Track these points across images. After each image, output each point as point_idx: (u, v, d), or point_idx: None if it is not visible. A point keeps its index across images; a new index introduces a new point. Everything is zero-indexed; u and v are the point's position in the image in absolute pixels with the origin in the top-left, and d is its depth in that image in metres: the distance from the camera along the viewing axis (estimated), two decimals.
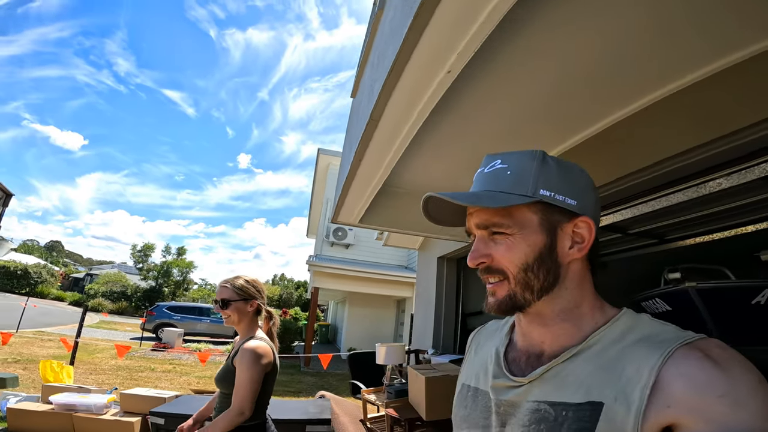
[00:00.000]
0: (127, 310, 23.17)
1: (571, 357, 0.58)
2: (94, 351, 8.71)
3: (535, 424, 0.56)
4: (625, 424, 0.50)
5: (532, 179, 0.58)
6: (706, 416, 0.47)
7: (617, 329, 0.58)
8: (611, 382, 0.53)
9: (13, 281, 23.66)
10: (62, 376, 4.46)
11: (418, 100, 1.38)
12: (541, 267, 0.58)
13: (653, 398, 0.50)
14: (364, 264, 10.48)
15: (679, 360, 0.51)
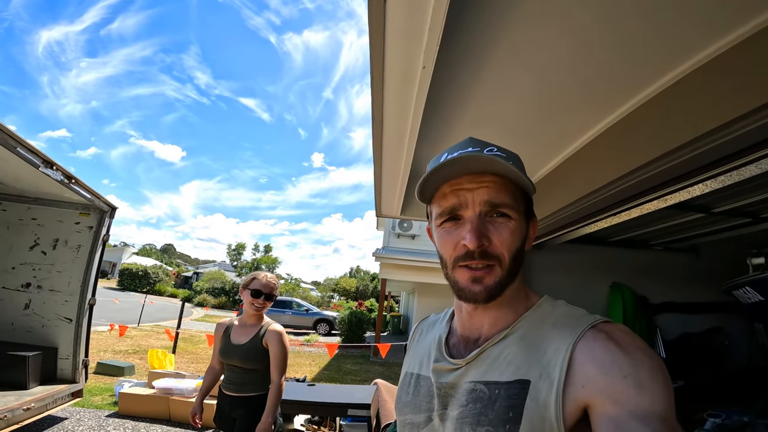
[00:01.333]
0: (226, 304, 26.01)
1: (502, 339, 0.61)
2: (197, 342, 9.92)
3: (472, 403, 0.58)
4: (548, 399, 0.53)
5: (523, 172, 0.61)
6: (613, 398, 0.50)
7: (539, 313, 0.62)
8: (536, 361, 0.56)
9: (135, 281, 27.92)
10: (165, 363, 5.16)
11: (408, 97, 1.32)
12: (520, 255, 0.61)
13: (569, 377, 0.53)
14: (429, 254, 10.42)
15: (588, 342, 0.54)
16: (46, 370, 3.67)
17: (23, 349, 3.56)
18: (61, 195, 3.89)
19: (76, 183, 3.53)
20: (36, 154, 2.94)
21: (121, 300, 18.16)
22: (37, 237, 4.12)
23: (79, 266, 4.05)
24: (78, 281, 4.02)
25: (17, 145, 2.73)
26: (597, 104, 1.52)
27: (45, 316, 3.95)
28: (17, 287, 4.01)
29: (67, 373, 3.81)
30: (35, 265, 4.07)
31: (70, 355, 3.84)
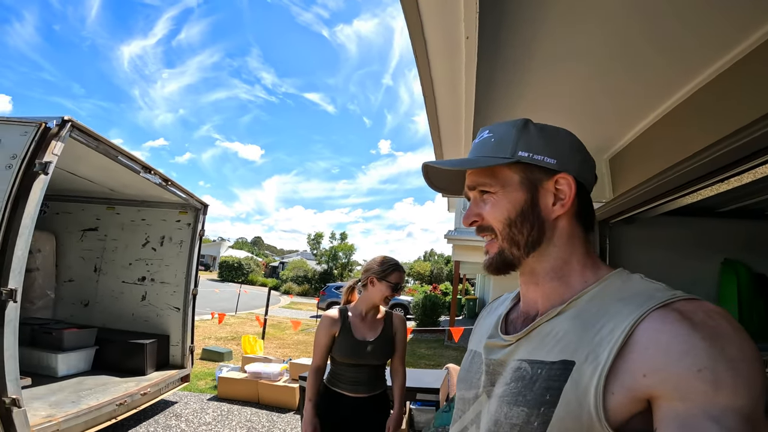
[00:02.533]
0: (308, 291, 27.77)
1: (556, 315, 0.57)
2: (284, 328, 10.72)
3: (514, 382, 0.56)
4: (589, 385, 0.48)
5: (512, 143, 0.61)
6: (682, 392, 0.43)
7: (604, 288, 0.57)
8: (587, 340, 0.51)
9: (231, 272, 31.00)
10: (256, 348, 5.65)
11: (457, 73, 1.22)
12: (524, 222, 0.60)
13: (621, 362, 0.47)
14: None
15: (654, 322, 0.47)
16: (161, 357, 4.17)
17: (141, 337, 4.09)
18: (162, 196, 4.38)
19: (172, 185, 3.95)
20: (135, 161, 3.33)
21: (221, 290, 20.28)
22: (147, 235, 4.70)
23: (182, 259, 4.56)
24: (182, 273, 4.53)
25: (118, 155, 3.12)
26: (689, 57, 1.30)
27: (158, 306, 4.52)
28: (134, 281, 4.64)
29: (177, 359, 4.32)
30: (147, 260, 4.67)
31: (179, 342, 4.35)
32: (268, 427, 3.88)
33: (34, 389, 3.05)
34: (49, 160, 2.42)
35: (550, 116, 1.95)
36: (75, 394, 3.14)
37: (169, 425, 3.70)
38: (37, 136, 2.37)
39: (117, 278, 4.67)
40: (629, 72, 1.44)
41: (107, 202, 4.77)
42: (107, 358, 3.91)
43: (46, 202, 4.80)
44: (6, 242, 2.31)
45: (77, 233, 4.84)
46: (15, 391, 2.24)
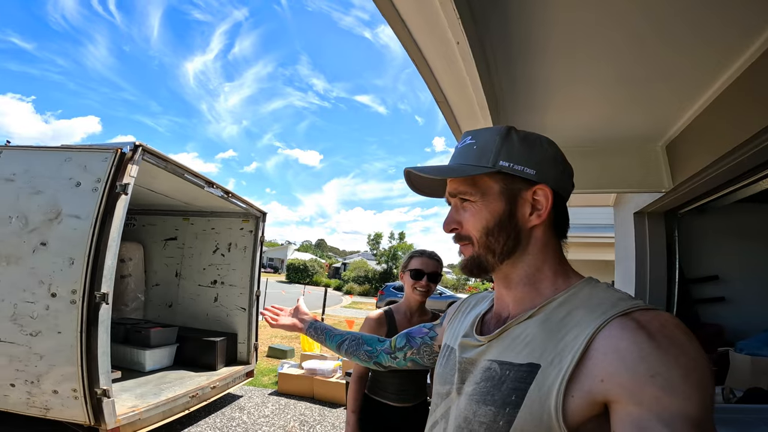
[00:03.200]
0: (369, 291, 28.34)
1: (526, 319, 0.60)
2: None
3: (484, 381, 0.59)
4: (552, 387, 0.51)
5: (493, 152, 0.62)
6: (637, 397, 0.45)
7: (572, 296, 0.58)
8: (552, 345, 0.54)
9: (297, 274, 32.65)
10: (313, 346, 5.93)
11: (460, 74, 1.22)
12: (501, 231, 0.62)
13: (582, 367, 0.50)
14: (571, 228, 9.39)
15: (613, 330, 0.50)
16: (229, 353, 4.57)
17: (213, 335, 4.52)
18: (226, 207, 4.80)
19: (232, 196, 4.31)
20: (199, 177, 3.70)
21: (288, 291, 21.45)
22: (216, 242, 5.17)
23: (247, 264, 4.95)
24: (247, 276, 4.92)
25: (184, 172, 3.48)
26: (747, 18, 1.12)
27: (227, 307, 4.95)
28: (208, 284, 5.13)
29: (243, 355, 4.70)
30: (218, 265, 5.13)
31: (245, 340, 4.73)
32: (318, 420, 4.09)
33: (125, 382, 3.50)
34: (127, 182, 2.78)
35: (585, 109, 1.85)
36: (157, 387, 3.56)
37: (233, 417, 4.04)
38: (115, 161, 2.75)
39: (194, 282, 5.20)
40: (674, 47, 1.32)
41: (183, 214, 5.33)
42: (185, 354, 4.37)
43: (135, 216, 5.50)
44: (98, 254, 2.70)
45: (160, 242, 5.46)
46: (106, 383, 2.61)
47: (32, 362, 2.60)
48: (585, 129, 2.19)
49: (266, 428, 3.82)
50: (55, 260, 2.68)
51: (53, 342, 2.60)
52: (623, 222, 3.98)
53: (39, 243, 2.72)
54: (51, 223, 2.74)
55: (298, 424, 3.96)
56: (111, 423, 2.62)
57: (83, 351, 2.56)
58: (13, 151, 2.96)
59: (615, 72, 1.47)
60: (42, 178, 2.82)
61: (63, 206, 2.74)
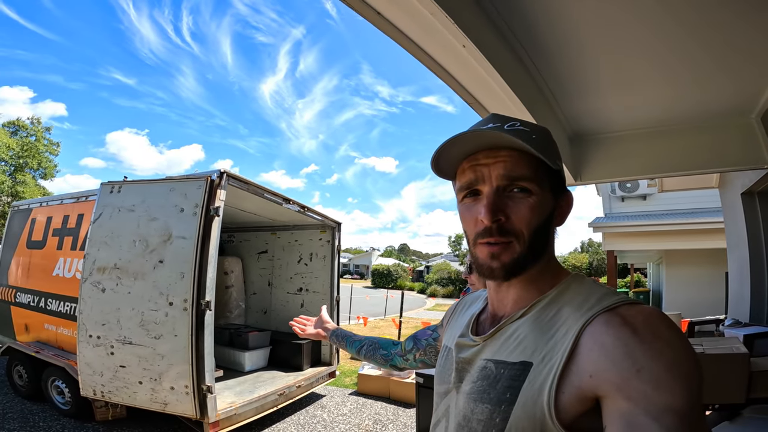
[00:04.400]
0: (453, 293, 27.87)
1: (519, 318, 0.60)
2: None
3: (480, 380, 0.60)
4: (543, 385, 0.52)
5: (552, 148, 0.60)
6: (625, 392, 0.46)
7: (561, 293, 0.59)
8: (543, 343, 0.55)
9: (382, 279, 33.48)
10: None
11: (477, 73, 1.23)
12: (545, 232, 0.60)
13: (571, 364, 0.51)
14: (670, 215, 8.30)
15: (598, 326, 0.50)
16: (314, 355, 4.93)
17: (300, 338, 4.92)
18: (305, 220, 5.21)
19: (308, 210, 4.67)
20: (277, 196, 4.09)
21: (372, 296, 22.14)
22: (300, 253, 5.63)
23: (327, 271, 5.30)
24: (327, 283, 5.26)
25: (264, 192, 3.89)
26: None
27: (312, 312, 5.33)
28: (294, 291, 5.60)
29: (326, 357, 5.02)
30: (302, 274, 5.58)
31: (328, 343, 5.05)
32: (392, 419, 4.21)
33: (227, 381, 3.98)
34: (218, 205, 3.21)
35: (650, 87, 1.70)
36: (252, 385, 3.99)
37: (315, 415, 4.34)
38: (207, 188, 3.20)
39: (283, 290, 5.71)
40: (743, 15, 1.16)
41: (271, 229, 5.90)
42: (278, 356, 4.82)
43: (233, 233, 6.25)
44: (201, 268, 3.16)
45: (255, 255, 6.10)
46: (210, 380, 3.02)
47: (155, 362, 3.12)
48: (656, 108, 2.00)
49: (343, 426, 4.04)
50: (171, 274, 3.20)
51: (172, 344, 3.09)
52: (731, 204, 3.44)
53: (158, 261, 3.27)
54: (165, 244, 3.28)
55: (372, 423, 4.12)
56: (213, 417, 3.01)
57: (194, 351, 3.01)
58: (130, 185, 3.59)
59: (676, 43, 1.33)
60: (155, 206, 3.38)
61: (173, 229, 3.27)
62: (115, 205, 3.49)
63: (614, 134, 2.33)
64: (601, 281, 12.07)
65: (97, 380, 3.28)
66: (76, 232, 4.18)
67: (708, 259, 9.37)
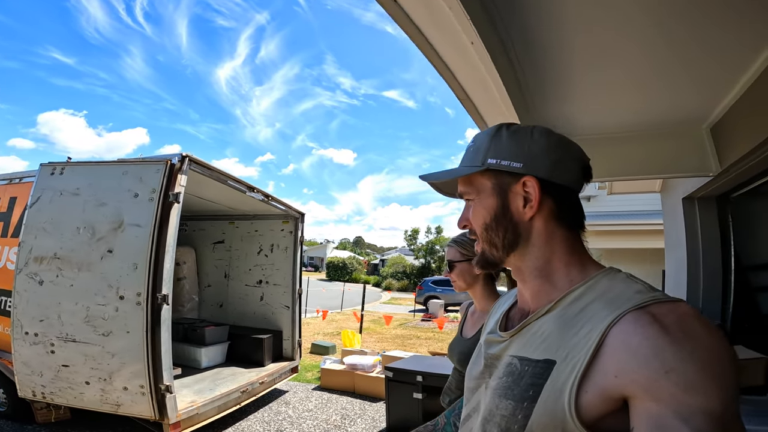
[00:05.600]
0: (407, 287, 28.40)
1: (543, 314, 0.61)
2: (383, 323, 11.21)
3: (506, 376, 0.61)
4: (565, 384, 0.51)
5: (483, 151, 0.65)
6: (654, 394, 0.45)
7: (590, 288, 0.58)
8: (566, 340, 0.54)
9: (337, 272, 33.32)
10: (354, 342, 6.09)
11: (478, 70, 1.24)
12: (498, 226, 0.64)
13: (595, 363, 0.50)
14: (611, 216, 8.98)
15: (626, 325, 0.49)
16: (275, 350, 4.79)
17: (261, 333, 4.76)
18: (267, 210, 5.02)
19: (272, 199, 4.52)
20: (240, 183, 3.91)
21: (328, 289, 21.98)
22: (260, 244, 5.42)
23: (289, 263, 5.16)
24: (289, 275, 5.13)
25: (227, 179, 3.70)
26: None
27: (272, 305, 5.20)
28: (254, 284, 5.40)
29: (288, 352, 4.92)
30: (262, 265, 5.38)
31: (289, 337, 4.95)
32: (359, 414, 4.22)
33: (184, 379, 3.78)
34: (178, 191, 3.01)
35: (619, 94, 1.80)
36: (213, 382, 3.82)
37: (279, 411, 4.25)
38: (166, 172, 2.98)
39: (241, 282, 5.49)
40: (714, 22, 1.27)
41: (229, 218, 5.64)
42: (236, 351, 4.64)
43: (186, 222, 5.88)
44: (158, 258, 2.94)
45: (210, 246, 5.80)
46: (168, 379, 2.85)
47: (105, 360, 2.88)
48: (623, 114, 2.13)
49: (310, 422, 4.00)
50: (121, 265, 2.95)
51: (124, 341, 2.86)
52: (672, 208, 3.78)
53: (106, 250, 3.00)
54: (115, 232, 3.01)
55: (340, 418, 4.11)
56: (173, 417, 2.85)
57: (149, 349, 2.81)
58: (75, 167, 3.26)
59: (648, 53, 1.42)
60: (104, 191, 3.10)
61: (125, 216, 3.01)
62: (56, 189, 3.16)
63: (582, 138, 2.45)
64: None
65: (36, 380, 2.98)
66: (8, 217, 3.74)
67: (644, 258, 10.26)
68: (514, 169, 0.62)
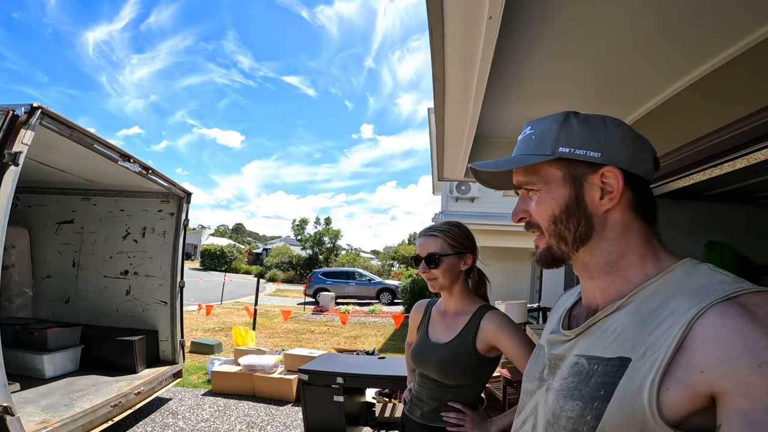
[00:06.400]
0: (294, 278, 27.58)
1: (614, 311, 0.58)
2: (272, 317, 10.63)
3: (571, 376, 0.58)
4: (644, 382, 0.48)
5: (552, 139, 0.61)
6: (744, 389, 0.43)
7: (667, 281, 0.55)
8: (644, 337, 0.51)
9: (214, 261, 30.50)
10: (248, 340, 5.57)
11: (473, 52, 1.15)
12: (570, 218, 0.60)
13: (679, 358, 0.47)
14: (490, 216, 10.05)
15: (713, 317, 0.46)
16: (150, 353, 4.04)
17: (129, 333, 3.94)
18: (143, 186, 4.17)
19: (152, 173, 3.75)
20: (113, 149, 3.13)
21: (205, 279, 19.97)
22: (127, 227, 4.50)
23: (167, 251, 4.38)
24: (168, 265, 4.36)
25: (94, 143, 2.92)
26: (693, 49, 1.29)
27: (144, 301, 4.36)
28: (117, 275, 4.46)
29: (168, 354, 4.20)
30: (129, 253, 4.48)
31: (168, 337, 4.21)
32: (267, 420, 3.84)
33: (24, 393, 2.91)
34: (18, 150, 2.23)
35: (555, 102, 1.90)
36: (67, 396, 3.02)
37: (167, 424, 3.62)
38: (4, 125, 2.18)
39: (98, 272, 4.48)
40: (629, 59, 1.42)
41: (83, 193, 4.53)
42: (95, 357, 3.77)
43: (18, 195, 4.51)
44: None
45: (52, 227, 4.60)
46: (5, 399, 2.11)
47: None
48: None
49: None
50: None
51: None
52: None
53: None
54: None
55: (246, 427, 3.67)
56: None
57: None
58: None
59: (564, 96, 1.56)
60: None
61: None
62: None
63: (502, 140, 2.58)
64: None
65: None
66: None
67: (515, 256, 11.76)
68: (592, 158, 0.59)
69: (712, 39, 1.21)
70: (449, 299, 1.30)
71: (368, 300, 15.24)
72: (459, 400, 1.21)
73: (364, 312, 11.78)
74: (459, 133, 2.17)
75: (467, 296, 1.29)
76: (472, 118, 1.87)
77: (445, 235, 1.26)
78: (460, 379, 1.20)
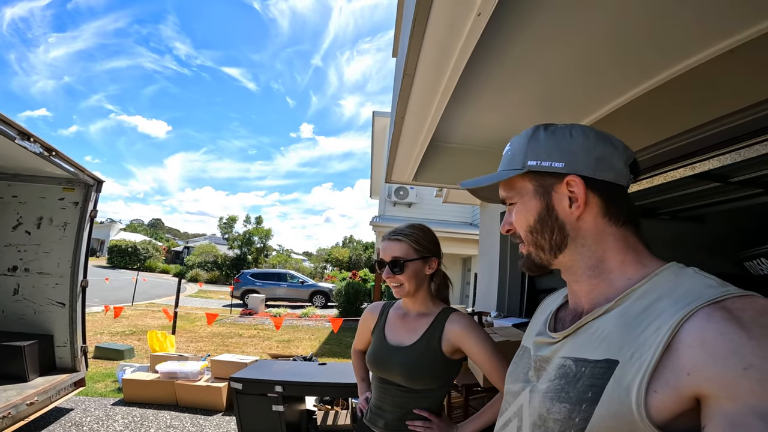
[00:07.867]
0: (219, 278, 25.89)
1: (602, 314, 0.58)
2: (194, 320, 9.82)
3: (558, 378, 0.58)
4: (631, 384, 0.49)
5: (522, 154, 0.65)
6: (730, 392, 0.43)
7: (654, 284, 0.56)
8: (631, 340, 0.52)
9: (125, 258, 27.53)
10: (166, 345, 5.03)
11: (452, 49, 1.12)
12: (544, 227, 0.64)
13: (666, 361, 0.48)
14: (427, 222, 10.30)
15: (700, 321, 0.47)
16: (45, 360, 3.49)
17: (18, 338, 3.36)
18: (43, 169, 3.58)
19: (56, 155, 3.22)
20: (10, 126, 2.62)
21: (113, 278, 17.89)
22: (19, 216, 3.83)
23: (68, 245, 3.80)
24: (67, 262, 3.78)
25: None
26: (632, 69, 1.41)
27: (36, 301, 3.73)
28: (3, 271, 3.77)
29: (67, 361, 3.63)
30: (20, 246, 3.81)
31: (67, 342, 3.65)
32: (195, 431, 3.48)
33: None
34: None
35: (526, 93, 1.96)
36: None
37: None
38: None
39: None
40: (575, 78, 1.51)
41: None
42: None
43: None
44: None
45: None
46: None
47: None
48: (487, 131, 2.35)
49: None
50: None
51: None
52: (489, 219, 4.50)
53: None
54: None
55: None
56: None
57: None
58: None
59: (520, 104, 1.62)
60: None
61: None
62: None
63: (454, 145, 2.62)
64: (360, 274, 13.59)
65: None
66: None
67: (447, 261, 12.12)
68: (556, 169, 0.62)
69: (660, 59, 1.31)
70: (415, 303, 1.26)
71: (301, 303, 14.74)
72: (424, 407, 1.17)
73: (296, 315, 11.36)
74: (416, 134, 2.15)
75: (430, 298, 1.26)
76: (432, 120, 1.86)
77: (409, 239, 1.22)
78: (426, 383, 1.15)
